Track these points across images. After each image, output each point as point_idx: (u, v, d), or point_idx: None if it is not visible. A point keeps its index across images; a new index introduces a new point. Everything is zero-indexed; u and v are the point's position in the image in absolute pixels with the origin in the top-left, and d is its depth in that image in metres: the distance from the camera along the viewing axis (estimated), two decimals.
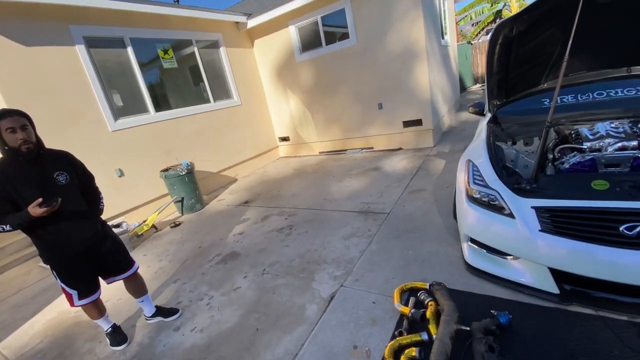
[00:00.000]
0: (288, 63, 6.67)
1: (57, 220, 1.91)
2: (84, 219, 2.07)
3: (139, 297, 2.44)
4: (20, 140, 1.76)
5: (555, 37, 2.38)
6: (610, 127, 2.25)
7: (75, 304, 2.11)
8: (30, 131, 1.83)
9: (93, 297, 2.16)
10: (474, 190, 2.14)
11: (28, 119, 1.83)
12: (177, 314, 2.49)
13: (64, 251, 1.99)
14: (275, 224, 3.86)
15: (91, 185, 2.22)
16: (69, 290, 2.08)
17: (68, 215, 1.96)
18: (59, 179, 1.94)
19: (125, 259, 2.31)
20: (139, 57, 4.98)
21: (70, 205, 1.95)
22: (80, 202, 2.07)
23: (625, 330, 1.59)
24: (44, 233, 1.93)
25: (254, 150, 6.97)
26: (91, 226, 2.11)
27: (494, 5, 14.40)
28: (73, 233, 2.00)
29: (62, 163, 2.02)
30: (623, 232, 1.59)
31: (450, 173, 4.15)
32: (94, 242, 2.11)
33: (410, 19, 5.20)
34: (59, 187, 1.93)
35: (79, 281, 2.09)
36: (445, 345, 1.60)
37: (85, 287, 2.12)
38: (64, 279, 2.06)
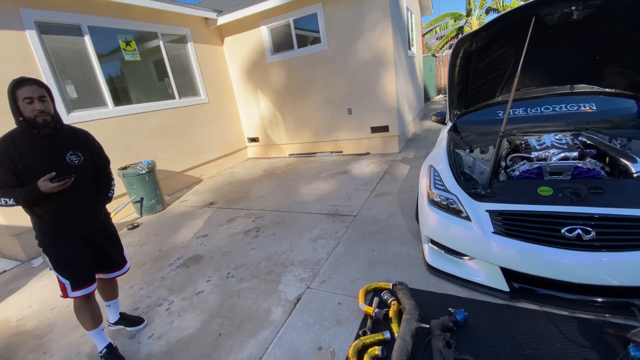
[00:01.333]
0: (259, 63, 6.60)
1: (62, 201, 1.78)
2: (91, 204, 1.95)
3: (108, 300, 2.24)
4: (37, 111, 1.64)
5: (510, 54, 2.59)
6: (555, 139, 2.48)
7: (69, 294, 1.88)
8: (49, 104, 1.70)
9: (88, 289, 1.92)
10: (435, 194, 2.26)
11: (47, 91, 1.71)
12: (142, 324, 2.30)
13: (62, 234, 1.83)
14: (241, 226, 3.78)
15: (105, 170, 2.09)
16: (62, 279, 1.87)
17: (75, 197, 1.83)
18: (72, 159, 1.82)
19: (120, 257, 2.15)
20: (98, 47, 4.67)
21: (78, 188, 1.81)
22: (90, 186, 1.94)
23: (566, 324, 1.74)
24: (45, 213, 1.78)
25: (221, 150, 6.79)
26: (97, 213, 1.98)
27: (457, 22, 15.32)
28: (76, 217, 1.86)
29: (79, 143, 1.89)
30: (564, 234, 1.75)
31: (413, 178, 4.33)
32: (94, 230, 1.96)
33: (380, 29, 5.37)
34: (70, 167, 1.79)
35: (73, 268, 1.88)
36: (406, 343, 1.65)
37: (80, 277, 1.90)
38: (58, 264, 1.86)
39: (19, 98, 1.62)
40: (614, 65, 2.54)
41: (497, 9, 14.07)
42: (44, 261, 3.57)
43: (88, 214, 1.92)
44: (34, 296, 2.99)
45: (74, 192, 1.80)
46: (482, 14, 14.86)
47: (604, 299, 1.77)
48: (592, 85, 2.75)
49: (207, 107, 6.45)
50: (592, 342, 1.61)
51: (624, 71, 2.53)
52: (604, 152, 2.31)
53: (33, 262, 3.67)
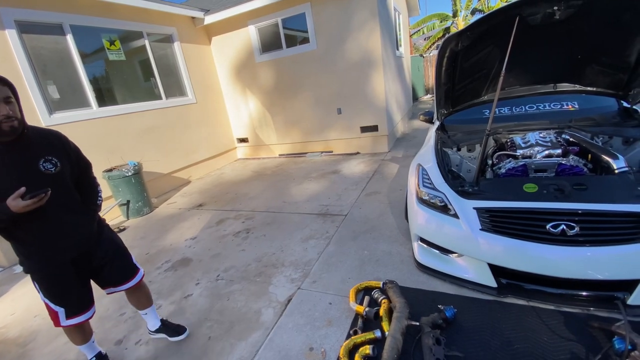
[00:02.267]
0: (247, 63, 6.55)
1: (42, 219, 1.51)
2: (77, 217, 1.66)
3: (143, 309, 2.05)
4: (2, 116, 1.35)
5: (495, 54, 2.63)
6: (539, 137, 2.53)
7: (61, 323, 1.68)
8: (15, 105, 1.42)
9: (85, 315, 1.72)
10: (423, 193, 2.27)
11: (12, 90, 1.42)
12: (184, 333, 2.10)
13: (49, 258, 1.58)
14: (231, 227, 3.74)
15: (87, 175, 1.80)
16: (54, 308, 1.65)
17: (56, 212, 1.55)
18: (46, 167, 1.51)
19: (127, 266, 1.90)
20: (81, 47, 4.55)
21: (58, 200, 1.53)
22: (72, 196, 1.66)
23: (552, 318, 1.78)
24: (24, 235, 1.52)
25: (210, 151, 6.70)
26: (85, 226, 1.70)
27: (444, 22, 15.53)
28: (62, 235, 1.59)
29: (51, 146, 1.57)
30: (549, 230, 1.78)
31: (403, 177, 4.36)
32: (87, 247, 1.70)
33: (368, 29, 5.40)
34: (45, 176, 1.50)
35: (67, 296, 1.65)
36: (396, 341, 1.66)
37: (75, 304, 1.69)
38: (49, 293, 1.63)
39: None
40: (595, 64, 2.60)
41: (483, 10, 14.30)
42: None
43: (76, 229, 1.65)
44: (17, 303, 2.90)
45: (56, 205, 1.53)
46: (467, 14, 15.08)
47: (589, 293, 1.82)
48: (574, 84, 2.82)
49: (195, 108, 6.36)
50: (578, 336, 1.64)
51: (604, 70, 2.60)
52: (586, 149, 2.37)
53: (15, 269, 3.55)
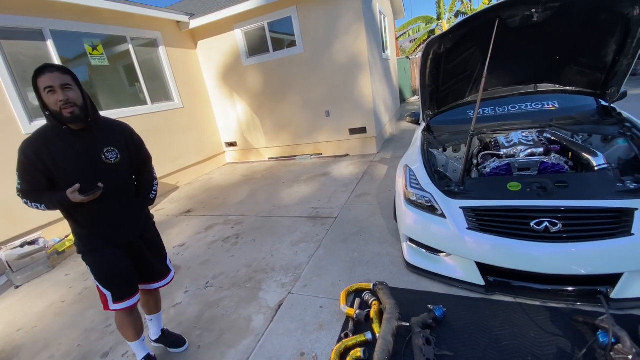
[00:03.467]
0: (234, 67, 6.51)
1: (98, 205, 1.58)
2: (131, 206, 1.75)
3: (150, 314, 2.03)
4: (61, 102, 1.43)
5: (477, 55, 2.68)
6: (522, 136, 2.59)
7: (110, 307, 1.72)
8: (76, 92, 1.49)
9: (131, 301, 1.75)
10: (411, 193, 2.29)
11: (73, 78, 1.50)
12: (184, 346, 2.06)
13: (101, 241, 1.66)
14: (220, 233, 3.69)
15: (146, 168, 1.88)
16: (103, 290, 1.70)
17: (112, 200, 1.64)
18: (108, 156, 1.61)
19: (163, 265, 1.94)
20: (62, 52, 4.45)
21: (115, 188, 1.63)
22: (130, 186, 1.76)
23: (539, 314, 1.81)
24: (81, 217, 1.61)
25: (198, 156, 6.63)
26: (135, 217, 1.77)
27: (428, 25, 15.78)
28: (113, 222, 1.67)
29: (116, 137, 1.67)
30: (533, 227, 1.82)
31: (391, 178, 4.39)
32: (134, 236, 1.75)
33: (354, 32, 5.44)
34: (106, 165, 1.60)
35: (115, 279, 1.70)
36: (387, 342, 1.66)
37: (122, 288, 1.73)
38: (99, 275, 1.69)
39: (41, 88, 1.43)
40: (574, 64, 2.68)
41: (466, 13, 14.59)
42: (8, 280, 3.35)
43: (127, 218, 1.73)
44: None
45: (113, 194, 1.62)
46: (451, 17, 15.37)
47: (574, 288, 1.86)
48: (554, 84, 2.89)
49: (182, 112, 6.29)
50: (564, 330, 1.68)
51: (582, 70, 2.68)
52: (567, 148, 2.43)
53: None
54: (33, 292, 3.13)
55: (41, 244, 3.54)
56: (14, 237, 3.66)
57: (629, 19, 2.13)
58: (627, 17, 2.13)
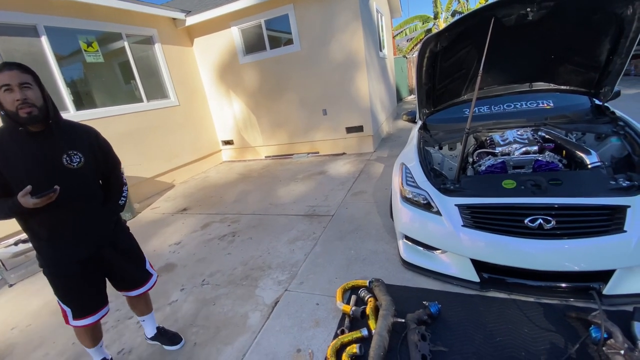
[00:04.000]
0: (231, 65, 6.48)
1: (60, 213, 1.48)
2: (96, 215, 1.63)
3: (142, 315, 2.01)
4: (18, 102, 1.34)
5: (472, 54, 2.69)
6: (517, 135, 2.61)
7: (70, 323, 1.66)
8: (36, 92, 1.40)
9: (93, 317, 1.67)
10: (407, 191, 2.30)
11: (34, 77, 1.41)
12: (180, 343, 2.05)
13: (58, 256, 1.55)
14: (216, 231, 3.69)
15: (114, 174, 1.77)
16: (62, 306, 1.63)
17: (75, 208, 1.53)
18: (71, 160, 1.49)
19: (141, 270, 1.87)
20: (57, 49, 4.40)
21: (77, 196, 1.52)
22: (95, 192, 1.64)
23: (533, 310, 1.83)
24: (40, 227, 1.50)
25: (194, 154, 6.60)
26: (101, 225, 1.66)
27: (425, 24, 15.82)
28: (78, 232, 1.56)
29: (80, 140, 1.57)
30: (527, 225, 1.84)
31: (388, 176, 4.40)
32: (100, 247, 1.66)
33: (351, 30, 5.44)
34: (67, 170, 1.48)
35: (75, 296, 1.62)
36: (383, 338, 1.67)
37: (83, 305, 1.65)
38: (58, 290, 1.61)
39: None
40: (568, 63, 2.70)
41: (462, 12, 14.65)
42: (2, 278, 3.32)
43: (93, 227, 1.61)
44: None
45: (75, 201, 1.51)
46: (448, 16, 15.42)
47: (567, 285, 1.88)
48: (549, 83, 2.91)
49: (178, 110, 6.26)
50: (557, 326, 1.70)
51: (576, 69, 2.70)
52: (561, 146, 2.46)
53: None
54: (27, 290, 3.10)
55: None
56: (8, 235, 3.63)
57: (623, 19, 2.15)
58: (621, 17, 2.15)
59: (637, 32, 2.15)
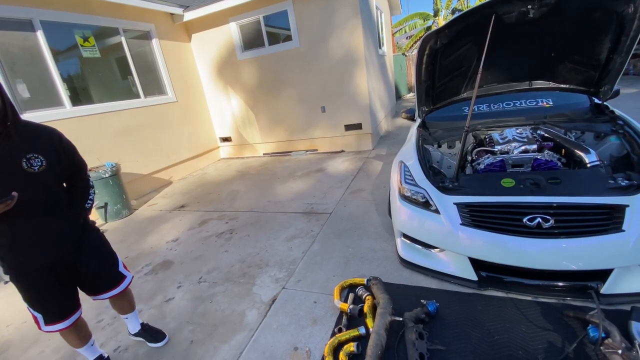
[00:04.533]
0: (229, 61, 6.44)
1: (20, 221, 1.43)
2: (61, 220, 1.58)
3: (125, 313, 2.01)
4: None
5: (472, 51, 2.67)
6: (516, 133, 2.60)
7: (42, 329, 1.62)
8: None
9: (66, 322, 1.64)
10: (405, 189, 2.29)
11: None
12: (164, 340, 2.05)
13: (22, 262, 1.50)
14: (214, 228, 3.67)
15: (79, 176, 1.71)
16: (32, 312, 1.60)
17: (37, 214, 1.47)
18: (31, 164, 1.42)
19: (113, 273, 1.82)
20: (52, 43, 4.34)
21: (39, 200, 1.46)
22: (56, 197, 1.57)
23: (530, 309, 1.83)
24: (0, 236, 1.45)
25: (192, 151, 6.56)
26: (66, 230, 1.60)
27: (425, 22, 15.76)
28: (37, 239, 1.50)
29: (40, 143, 1.48)
30: (526, 223, 1.83)
31: (387, 174, 4.39)
32: (67, 252, 1.60)
33: (351, 27, 5.40)
34: (28, 175, 1.41)
35: (44, 302, 1.58)
36: (380, 337, 1.66)
37: (54, 310, 1.62)
38: (25, 297, 1.57)
39: None
40: (568, 62, 2.69)
41: (462, 10, 14.61)
42: None
43: (58, 234, 1.56)
44: None
45: (37, 207, 1.46)
46: (448, 14, 15.37)
47: (564, 283, 1.87)
48: (548, 82, 2.90)
49: (175, 106, 6.21)
50: (554, 325, 1.70)
51: (576, 68, 2.69)
52: (560, 145, 2.45)
53: None
54: None
55: None
56: None
57: (624, 17, 2.13)
58: (622, 15, 2.13)
59: (638, 31, 2.14)
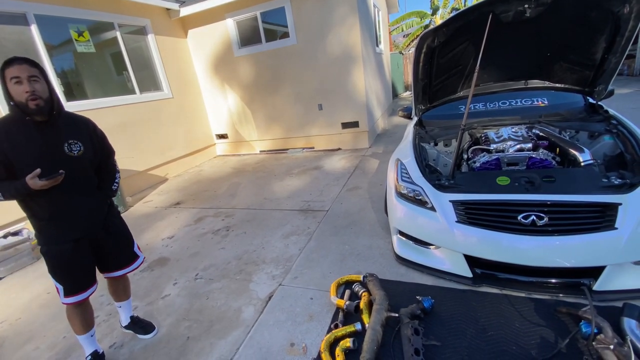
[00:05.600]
0: (226, 57, 6.40)
1: (60, 197, 1.61)
2: (92, 199, 1.78)
3: (119, 301, 2.10)
4: (27, 94, 1.46)
5: (469, 50, 2.69)
6: (511, 132, 2.62)
7: (62, 300, 1.76)
8: (43, 85, 1.53)
9: (82, 295, 1.77)
10: (402, 187, 2.30)
11: (41, 71, 1.54)
12: (153, 332, 2.11)
13: (59, 233, 1.67)
14: (210, 225, 3.66)
15: (108, 162, 1.93)
16: (55, 284, 1.73)
17: (74, 192, 1.66)
18: (72, 149, 1.64)
19: (129, 252, 1.99)
20: (47, 38, 4.29)
21: (76, 181, 1.65)
22: (91, 179, 1.78)
23: (523, 305, 1.85)
24: (40, 209, 1.62)
25: (188, 148, 6.53)
26: (96, 209, 1.80)
27: (422, 20, 15.77)
28: (75, 214, 1.69)
29: (79, 131, 1.71)
30: (520, 221, 1.85)
31: (383, 172, 4.41)
32: (94, 229, 1.78)
33: (348, 25, 5.39)
34: (68, 158, 1.62)
35: (68, 274, 1.73)
36: (376, 332, 1.68)
37: (74, 283, 1.75)
38: (52, 268, 1.71)
39: (7, 78, 1.46)
40: (563, 61, 2.71)
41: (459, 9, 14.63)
42: None
43: (89, 211, 1.75)
44: None
45: (73, 186, 1.65)
46: (445, 13, 15.38)
47: (558, 280, 1.90)
48: (544, 81, 2.93)
49: (171, 103, 6.17)
50: (547, 321, 1.72)
51: (572, 67, 2.71)
52: (554, 143, 2.47)
53: None
54: (17, 283, 3.05)
55: (25, 234, 3.46)
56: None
57: (619, 17, 2.16)
58: (617, 15, 2.16)
59: (633, 31, 2.17)
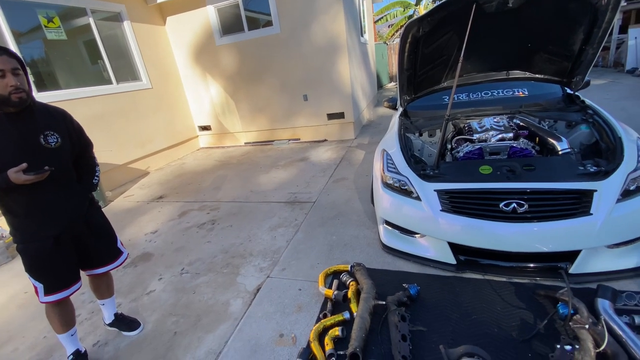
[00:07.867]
0: (207, 46, 6.20)
1: (37, 192, 1.53)
2: (71, 194, 1.69)
3: (102, 299, 2.03)
4: (11, 88, 1.39)
5: (454, 40, 2.70)
6: (493, 122, 2.67)
7: (41, 299, 1.68)
8: (23, 77, 1.47)
9: (62, 293, 1.69)
10: (388, 177, 2.32)
11: (20, 63, 1.47)
12: (138, 329, 2.07)
13: (36, 230, 1.59)
14: (195, 219, 3.60)
15: (86, 154, 1.84)
16: (34, 282, 1.65)
17: (51, 187, 1.57)
18: (48, 140, 1.55)
19: (112, 248, 1.92)
20: (13, 24, 4.03)
21: (53, 175, 1.54)
22: (68, 172, 1.69)
23: (505, 289, 1.92)
24: (15, 205, 1.54)
25: (169, 140, 6.35)
26: (75, 204, 1.72)
27: (406, 10, 15.75)
28: (50, 210, 1.60)
29: (55, 122, 1.62)
30: (502, 208, 1.91)
31: (369, 163, 4.43)
32: (74, 225, 1.71)
33: (333, 13, 5.32)
34: (45, 150, 1.54)
35: (48, 272, 1.65)
36: (364, 320, 1.71)
37: (55, 280, 1.67)
38: (30, 266, 1.63)
39: None
40: (543, 52, 2.77)
41: None
42: None
43: (67, 206, 1.67)
44: None
45: (50, 180, 1.55)
46: (429, 3, 15.41)
47: (536, 265, 1.98)
48: (524, 72, 2.99)
49: (150, 93, 5.95)
50: (527, 303, 1.79)
51: (551, 58, 2.78)
52: (534, 133, 2.54)
53: None
54: None
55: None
56: None
57: (597, 9, 2.21)
58: (595, 7, 2.21)
59: (610, 23, 2.23)
